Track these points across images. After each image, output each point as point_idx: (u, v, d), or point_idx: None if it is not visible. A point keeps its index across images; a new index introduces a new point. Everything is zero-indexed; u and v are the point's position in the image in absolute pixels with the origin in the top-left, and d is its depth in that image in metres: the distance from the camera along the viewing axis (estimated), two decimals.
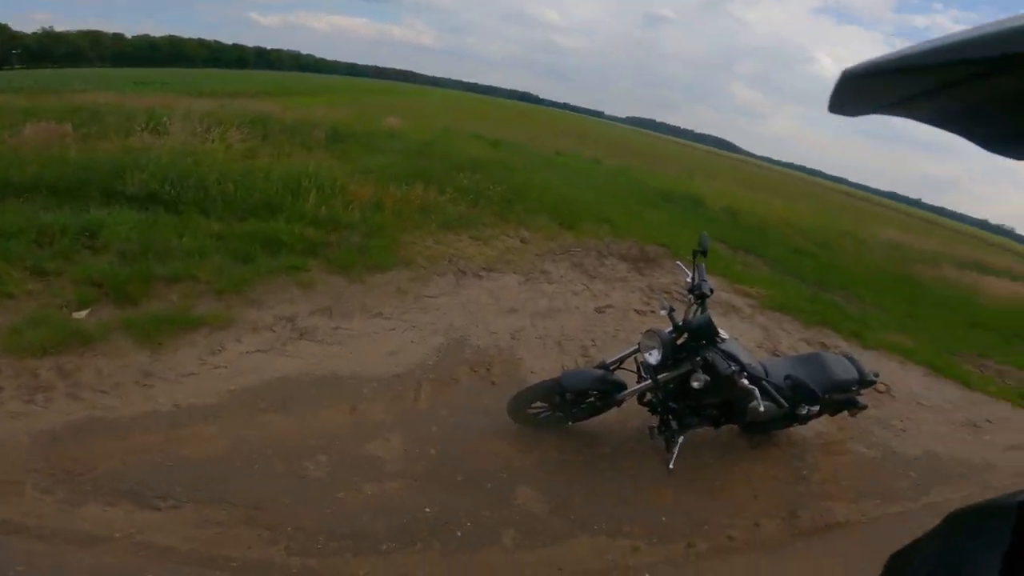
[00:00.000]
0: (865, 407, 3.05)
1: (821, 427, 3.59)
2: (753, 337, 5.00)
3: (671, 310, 2.52)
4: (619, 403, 2.59)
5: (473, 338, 3.53)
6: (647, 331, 2.46)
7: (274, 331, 3.19)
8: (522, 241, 5.57)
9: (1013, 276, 15.86)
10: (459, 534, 2.15)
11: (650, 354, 2.41)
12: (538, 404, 2.64)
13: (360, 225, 4.66)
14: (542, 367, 3.39)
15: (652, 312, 4.71)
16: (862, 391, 3.04)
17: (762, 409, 2.06)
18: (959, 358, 6.66)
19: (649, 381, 2.46)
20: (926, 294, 10.09)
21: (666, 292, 5.38)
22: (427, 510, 2.23)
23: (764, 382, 2.10)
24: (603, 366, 2.64)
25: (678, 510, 2.55)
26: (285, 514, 2.07)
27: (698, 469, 2.86)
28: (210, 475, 2.17)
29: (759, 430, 3.19)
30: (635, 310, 4.67)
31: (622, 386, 2.55)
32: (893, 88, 0.31)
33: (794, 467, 3.13)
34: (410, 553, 2.05)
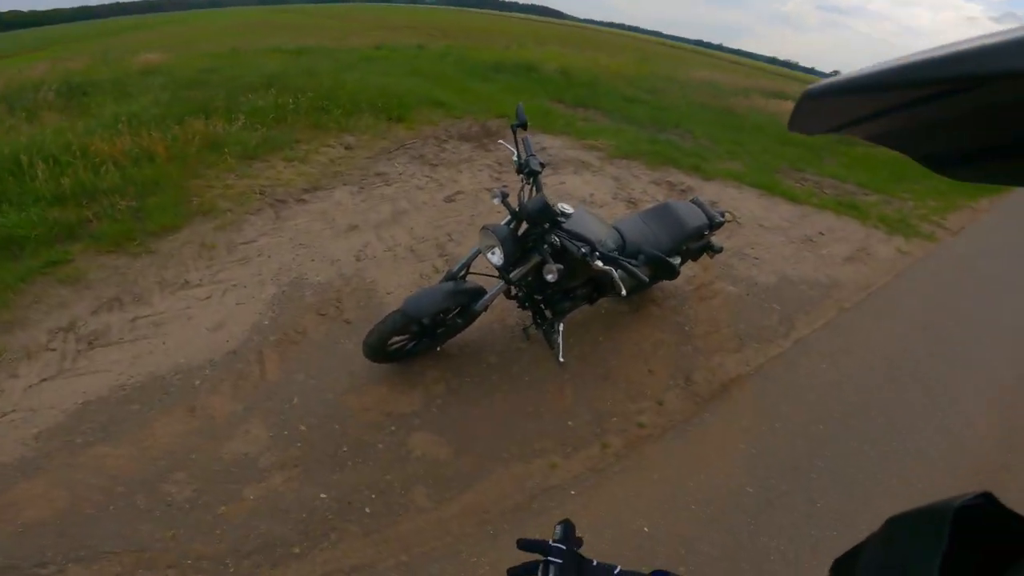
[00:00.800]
0: (721, 249, 3.12)
1: (690, 272, 3.72)
2: (607, 188, 5.01)
3: (504, 196, 2.15)
4: (480, 312, 2.30)
5: (311, 275, 2.97)
6: (482, 228, 2.11)
7: (54, 349, 2.35)
8: (347, 148, 4.78)
9: None
10: (368, 510, 1.87)
11: (492, 253, 2.08)
12: (396, 338, 2.27)
13: (125, 186, 3.52)
14: (399, 284, 2.99)
15: (506, 186, 4.44)
16: (714, 232, 3.07)
17: (624, 291, 1.91)
18: (781, 175, 7.54)
19: (503, 282, 2.19)
20: (743, 123, 11.21)
21: (501, 141, 5.09)
22: (323, 496, 1.90)
23: (620, 260, 1.89)
24: (451, 277, 2.29)
25: (582, 408, 2.46)
26: (176, 548, 1.71)
27: (588, 353, 2.77)
28: (71, 531, 1.72)
29: (634, 292, 3.20)
30: (487, 189, 4.34)
31: (478, 292, 2.23)
32: (848, 108, 0.32)
33: (676, 323, 3.19)
34: (328, 547, 1.76)
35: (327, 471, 1.97)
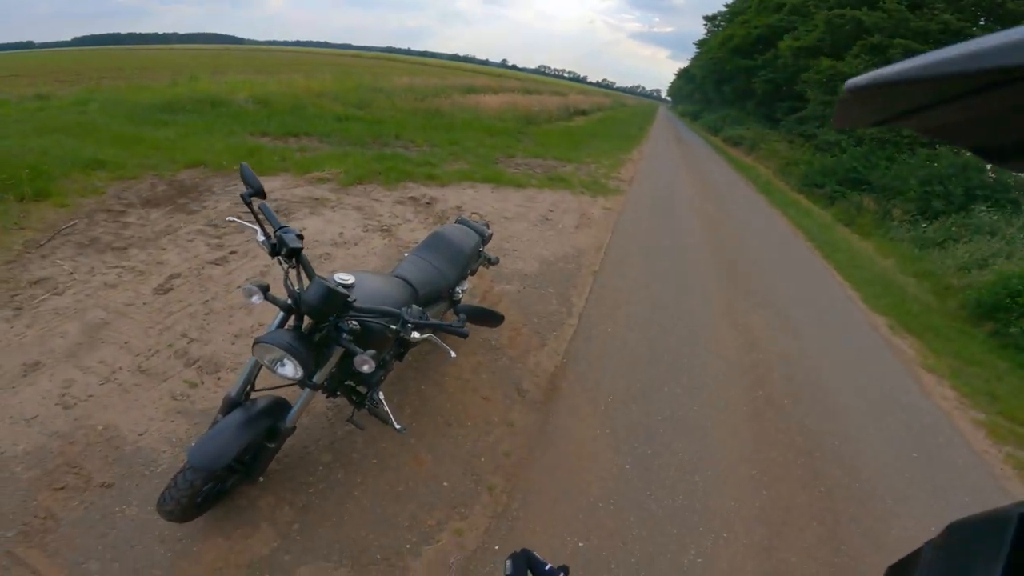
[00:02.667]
0: (498, 260, 3.24)
1: (469, 284, 3.83)
2: (354, 221, 4.75)
3: (264, 290, 1.71)
4: (292, 431, 1.86)
5: (6, 447, 1.99)
6: (255, 343, 1.64)
7: None
8: None
9: (495, 91, 21.04)
10: None
11: (282, 366, 1.66)
12: (205, 488, 1.69)
13: None
14: (149, 417, 2.23)
15: (234, 255, 3.75)
16: (486, 245, 3.14)
17: (453, 355, 1.78)
18: (501, 164, 8.46)
19: (307, 391, 1.79)
20: (453, 121, 12.17)
21: (232, 219, 4.37)
22: None
23: (435, 322, 1.70)
24: (233, 403, 1.79)
25: (445, 463, 2.29)
26: None
27: (419, 407, 2.58)
28: None
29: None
30: (211, 262, 3.58)
31: (278, 406, 1.79)
32: (895, 100, 0.31)
33: (481, 341, 3.21)
34: None
35: None
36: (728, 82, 30.49)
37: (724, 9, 35.47)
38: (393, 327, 1.72)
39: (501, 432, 2.56)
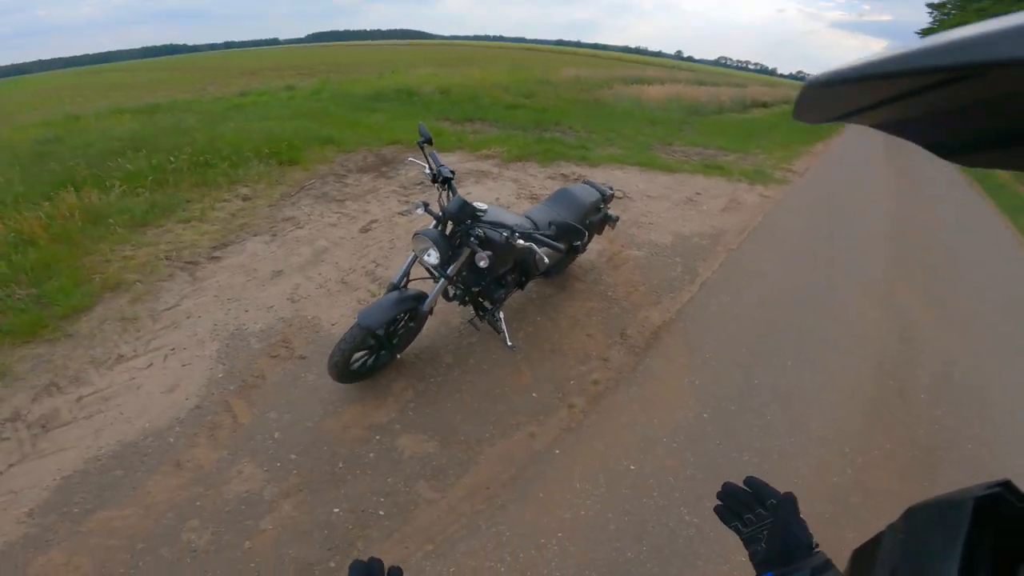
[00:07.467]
0: (617, 219, 3.55)
1: (599, 247, 4.20)
2: (510, 189, 5.41)
3: (426, 206, 2.41)
4: (429, 312, 2.50)
5: (250, 325, 2.98)
6: (414, 235, 2.35)
7: (7, 439, 2.20)
8: (245, 199, 4.71)
9: (661, 81, 20.56)
10: (382, 513, 1.98)
11: (428, 255, 2.34)
12: (357, 355, 2.41)
13: (15, 275, 3.25)
14: (340, 315, 3.10)
15: (411, 212, 4.66)
16: (609, 205, 3.54)
17: (546, 260, 2.20)
18: (655, 151, 8.47)
19: (442, 279, 2.41)
20: (613, 111, 12.34)
21: (418, 183, 5.35)
22: (336, 511, 1.98)
23: (536, 235, 2.18)
24: (393, 287, 2.46)
25: (541, 380, 2.72)
26: None
27: (532, 334, 3.07)
28: None
29: (557, 273, 3.58)
30: (399, 214, 4.53)
31: (422, 296, 2.44)
32: (852, 97, 0.31)
33: (600, 292, 3.60)
34: (358, 555, 1.81)
35: (331, 488, 2.06)
36: None
37: None
38: (504, 235, 2.22)
39: (596, 365, 2.88)
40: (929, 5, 33.06)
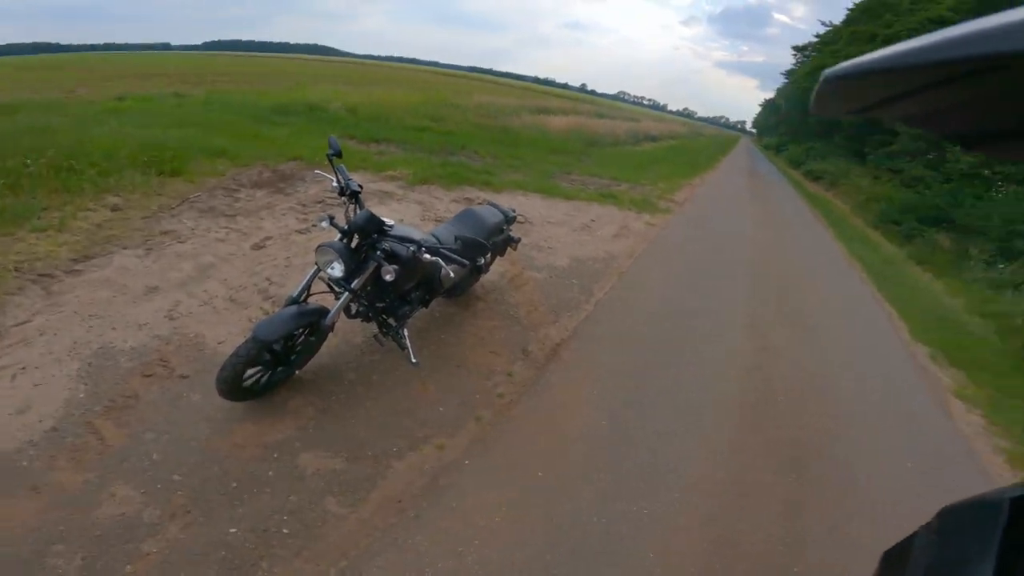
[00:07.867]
0: (519, 240, 3.75)
1: (501, 269, 4.36)
2: (414, 212, 5.47)
3: (331, 219, 2.40)
4: (331, 327, 2.45)
5: (118, 343, 2.70)
6: (318, 247, 2.31)
7: None
8: (114, 209, 4.27)
9: (565, 112, 21.99)
10: (287, 531, 1.87)
11: (332, 268, 2.30)
12: (250, 371, 2.27)
13: None
14: (228, 332, 2.92)
15: (315, 227, 4.54)
16: (511, 227, 3.72)
17: (452, 275, 2.27)
18: (555, 179, 9.01)
19: (346, 293, 2.39)
20: (518, 138, 12.93)
21: (318, 201, 5.23)
22: (233, 530, 1.84)
23: (442, 250, 2.25)
24: (293, 301, 2.39)
25: (447, 395, 2.76)
26: None
27: (437, 350, 3.11)
28: None
29: (460, 292, 3.66)
30: (296, 231, 4.38)
31: (323, 311, 2.39)
32: (873, 89, 0.30)
33: (502, 311, 3.75)
34: (262, 574, 1.73)
35: (225, 508, 1.92)
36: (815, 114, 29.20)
37: (815, 39, 34.21)
38: (411, 248, 2.28)
39: (500, 379, 3.01)
40: (794, 48, 38.76)
